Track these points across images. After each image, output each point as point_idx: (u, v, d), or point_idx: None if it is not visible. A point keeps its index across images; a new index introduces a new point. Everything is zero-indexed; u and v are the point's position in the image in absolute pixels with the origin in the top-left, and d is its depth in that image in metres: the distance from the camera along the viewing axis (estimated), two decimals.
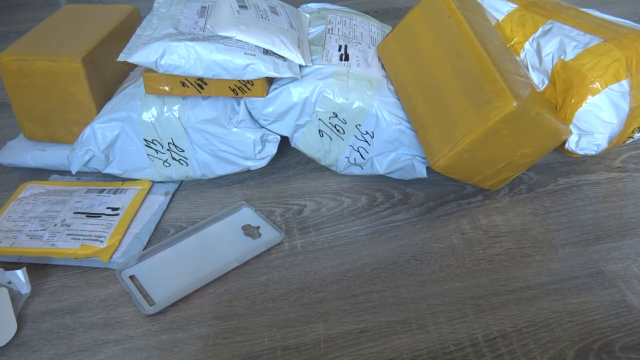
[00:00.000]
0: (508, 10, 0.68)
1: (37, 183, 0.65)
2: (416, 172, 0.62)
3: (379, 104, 0.59)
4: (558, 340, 0.46)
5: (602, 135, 0.58)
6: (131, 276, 0.52)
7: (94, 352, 0.46)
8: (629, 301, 0.49)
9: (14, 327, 0.47)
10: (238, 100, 0.61)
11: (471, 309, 0.49)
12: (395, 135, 0.60)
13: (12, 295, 0.49)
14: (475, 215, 0.60)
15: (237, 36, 0.57)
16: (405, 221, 0.59)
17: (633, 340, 0.46)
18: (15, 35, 1.04)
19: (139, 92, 0.61)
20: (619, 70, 0.57)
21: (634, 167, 0.67)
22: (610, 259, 0.54)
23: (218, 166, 0.63)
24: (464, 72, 0.55)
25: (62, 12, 0.73)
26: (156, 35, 0.57)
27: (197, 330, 0.48)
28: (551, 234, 0.57)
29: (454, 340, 0.46)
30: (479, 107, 0.52)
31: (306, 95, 0.59)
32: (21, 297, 0.50)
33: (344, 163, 0.64)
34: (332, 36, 0.66)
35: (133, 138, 0.61)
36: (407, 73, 0.61)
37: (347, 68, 0.61)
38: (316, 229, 0.59)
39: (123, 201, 0.61)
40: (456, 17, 0.58)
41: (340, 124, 0.61)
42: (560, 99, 0.59)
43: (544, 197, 0.62)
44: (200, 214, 0.61)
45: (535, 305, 0.49)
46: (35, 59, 0.62)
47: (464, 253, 0.55)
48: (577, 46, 0.60)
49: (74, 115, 0.64)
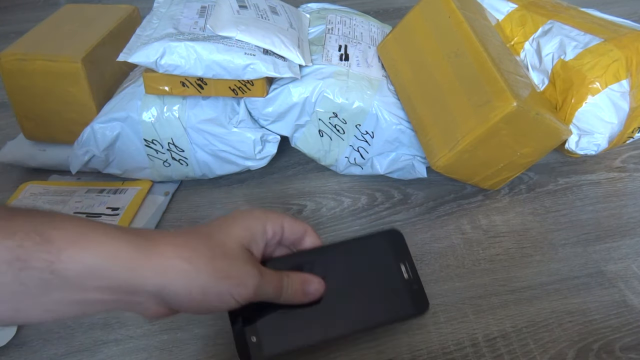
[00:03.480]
0: (508, 10, 0.68)
1: (37, 183, 0.65)
2: (416, 172, 0.62)
3: (379, 104, 0.59)
4: (558, 340, 0.46)
5: (602, 135, 0.58)
6: None
7: (94, 352, 0.46)
8: (629, 301, 0.49)
9: (14, 327, 0.47)
10: (238, 100, 0.61)
11: (471, 309, 0.49)
12: (395, 135, 0.60)
13: None
14: (475, 215, 0.60)
15: (237, 36, 0.57)
16: (405, 221, 0.59)
17: (633, 340, 0.46)
18: (15, 35, 1.04)
19: (139, 92, 0.61)
20: (619, 70, 0.57)
21: (634, 167, 0.67)
22: (610, 259, 0.54)
23: (218, 166, 0.63)
24: (464, 72, 0.55)
25: (62, 12, 0.73)
26: (156, 35, 0.57)
27: (198, 330, 0.48)
28: (551, 234, 0.57)
29: (454, 340, 0.46)
30: (479, 107, 0.52)
31: (306, 95, 0.59)
32: None
33: (344, 163, 0.64)
34: (332, 36, 0.66)
35: (133, 138, 0.61)
36: (407, 73, 0.61)
37: (347, 68, 0.61)
38: (316, 229, 0.58)
39: (123, 201, 0.61)
40: (456, 17, 0.58)
41: (340, 124, 0.61)
42: (560, 99, 0.59)
43: (544, 197, 0.62)
44: (200, 214, 0.61)
45: (535, 305, 0.49)
46: (35, 59, 0.62)
47: (464, 253, 0.55)
48: (577, 46, 0.60)
49: (74, 115, 0.64)
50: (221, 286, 0.35)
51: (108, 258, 0.31)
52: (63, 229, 0.31)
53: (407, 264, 0.43)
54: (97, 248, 0.31)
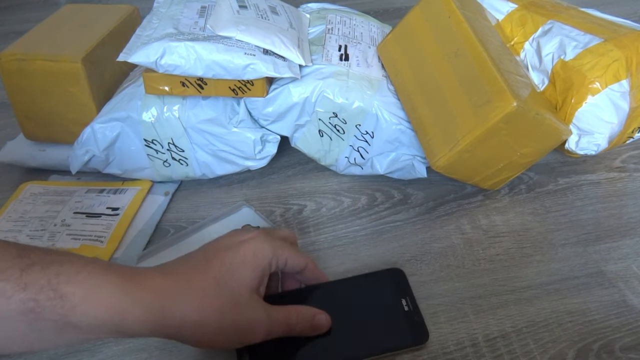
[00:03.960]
0: (508, 10, 0.68)
1: (37, 183, 0.65)
2: (416, 172, 0.62)
3: (379, 103, 0.59)
4: (558, 340, 0.46)
5: (602, 135, 0.58)
6: None
7: (94, 352, 0.46)
8: (629, 301, 0.49)
9: None
10: (238, 100, 0.61)
11: (471, 309, 0.49)
12: (395, 135, 0.60)
13: None
14: (475, 215, 0.60)
15: (237, 36, 0.57)
16: (405, 221, 0.59)
17: (633, 340, 0.46)
18: (15, 35, 1.04)
19: (139, 92, 0.61)
20: (619, 70, 0.57)
21: (634, 167, 0.67)
22: (610, 259, 0.54)
23: (218, 166, 0.63)
24: (464, 72, 0.55)
25: (62, 12, 0.73)
26: (156, 35, 0.57)
27: None
28: (551, 234, 0.57)
29: (454, 340, 0.46)
30: (479, 107, 0.52)
31: (306, 95, 0.59)
32: None
33: (344, 163, 0.64)
34: (332, 36, 0.66)
35: (133, 138, 0.61)
36: (407, 73, 0.61)
37: (347, 68, 0.61)
38: (316, 229, 0.59)
39: (123, 201, 0.61)
40: (456, 17, 0.58)
41: (340, 124, 0.61)
42: (560, 99, 0.59)
43: (544, 197, 0.62)
44: (200, 214, 0.61)
45: (535, 305, 0.49)
46: (35, 59, 0.62)
47: (464, 253, 0.55)
48: (577, 46, 0.59)
49: (74, 115, 0.64)
50: (230, 336, 0.37)
51: (121, 314, 0.33)
52: (77, 283, 0.32)
53: (408, 298, 0.47)
54: (110, 306, 0.32)
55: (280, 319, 0.39)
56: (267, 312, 0.38)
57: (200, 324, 0.35)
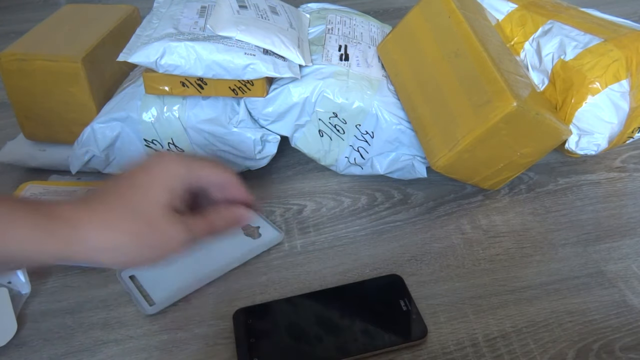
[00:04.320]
0: (508, 10, 0.68)
1: (37, 183, 0.65)
2: (416, 172, 0.62)
3: (379, 104, 0.59)
4: (558, 340, 0.46)
5: (602, 135, 0.58)
6: (131, 276, 0.52)
7: (94, 352, 0.46)
8: (629, 301, 0.49)
9: (14, 327, 0.47)
10: (238, 100, 0.61)
11: (471, 309, 0.49)
12: (395, 135, 0.60)
13: (12, 295, 0.49)
14: (475, 215, 0.60)
15: (237, 36, 0.57)
16: (405, 221, 0.59)
17: (633, 340, 0.46)
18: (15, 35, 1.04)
19: (139, 92, 0.61)
20: (619, 70, 0.57)
21: (634, 167, 0.67)
22: (610, 259, 0.54)
23: None
24: (464, 72, 0.55)
25: (62, 12, 0.73)
26: (156, 35, 0.57)
27: (197, 330, 0.48)
28: (551, 234, 0.57)
29: (454, 340, 0.46)
30: (479, 107, 0.52)
31: (306, 95, 0.59)
32: (21, 297, 0.50)
33: (344, 163, 0.64)
34: (332, 36, 0.66)
35: (133, 138, 0.61)
36: (407, 73, 0.61)
37: (347, 68, 0.61)
38: (316, 229, 0.59)
39: None
40: (456, 17, 0.58)
41: (340, 124, 0.61)
42: (560, 99, 0.59)
43: (544, 197, 0.62)
44: None
45: (535, 305, 0.49)
46: (35, 59, 0.62)
47: (464, 253, 0.55)
48: (577, 46, 0.59)
49: (74, 115, 0.64)
50: (151, 255, 0.38)
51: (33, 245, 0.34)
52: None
53: (407, 299, 0.49)
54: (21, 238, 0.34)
55: (198, 220, 0.40)
56: (183, 221, 0.39)
57: (115, 249, 0.36)
